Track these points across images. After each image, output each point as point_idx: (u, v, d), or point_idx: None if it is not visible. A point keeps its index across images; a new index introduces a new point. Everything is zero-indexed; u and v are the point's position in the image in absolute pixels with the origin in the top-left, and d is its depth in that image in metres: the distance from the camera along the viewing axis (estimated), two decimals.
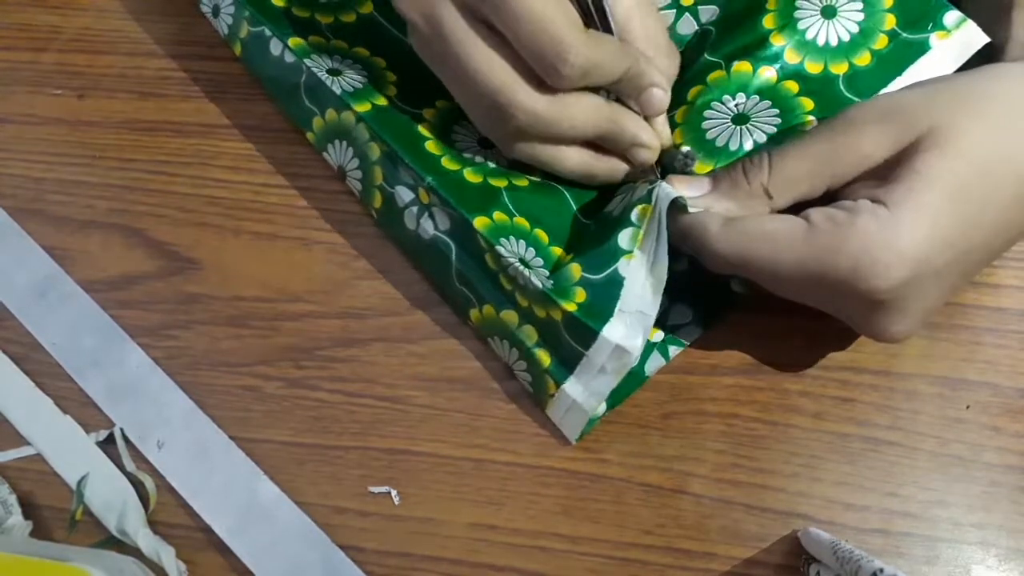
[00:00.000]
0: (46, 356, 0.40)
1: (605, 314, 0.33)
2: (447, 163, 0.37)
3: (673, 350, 0.37)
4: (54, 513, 0.37)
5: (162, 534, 0.36)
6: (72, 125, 0.44)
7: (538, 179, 0.37)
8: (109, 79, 0.45)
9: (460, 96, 0.34)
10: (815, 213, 0.31)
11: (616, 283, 0.33)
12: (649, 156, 0.35)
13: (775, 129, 0.35)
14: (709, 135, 0.36)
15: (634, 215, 0.33)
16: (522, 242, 0.35)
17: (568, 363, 0.34)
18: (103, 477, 0.37)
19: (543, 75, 0.32)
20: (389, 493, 0.37)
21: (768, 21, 0.37)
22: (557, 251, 0.36)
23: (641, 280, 0.33)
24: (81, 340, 0.40)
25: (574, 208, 0.37)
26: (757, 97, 0.36)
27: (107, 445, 0.38)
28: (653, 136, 0.35)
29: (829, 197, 0.32)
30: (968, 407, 0.36)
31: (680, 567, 0.35)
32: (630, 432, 0.37)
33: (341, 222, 0.41)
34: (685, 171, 0.35)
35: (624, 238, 0.33)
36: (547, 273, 0.35)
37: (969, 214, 0.30)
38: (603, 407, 0.36)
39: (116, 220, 0.42)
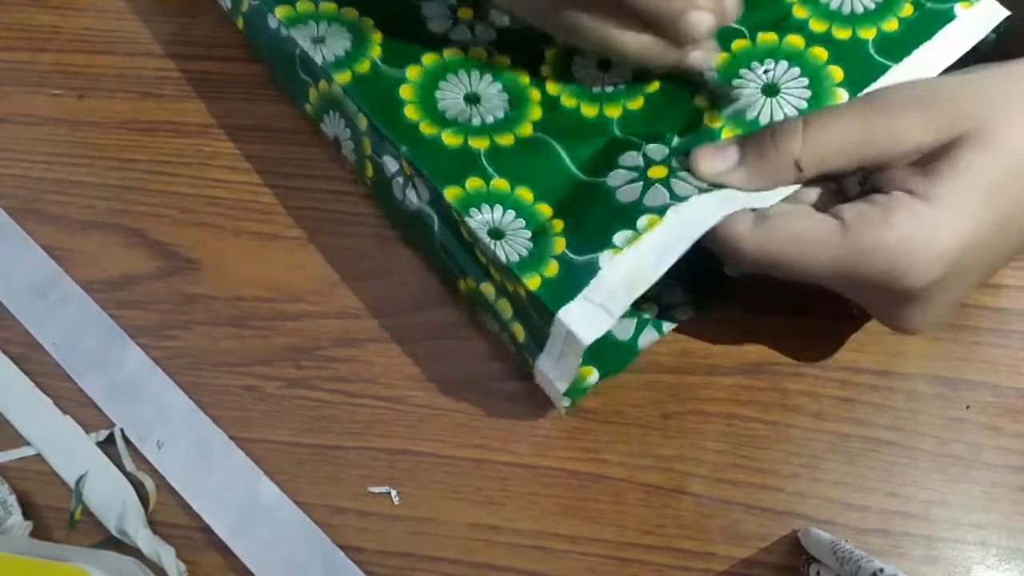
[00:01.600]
0: (46, 356, 0.40)
1: (567, 295, 0.32)
2: (425, 128, 0.36)
3: (667, 326, 0.37)
4: (54, 513, 0.37)
5: (162, 534, 0.36)
6: (72, 125, 0.44)
7: (528, 136, 0.36)
8: (108, 79, 0.45)
9: None
10: (847, 211, 0.30)
11: (591, 270, 0.32)
12: (707, 21, 0.32)
13: (806, 104, 0.35)
14: (740, 104, 0.35)
15: (640, 223, 0.32)
16: (499, 207, 0.34)
17: (538, 339, 0.34)
18: (103, 477, 0.37)
19: None
20: (389, 493, 0.37)
21: None
22: (544, 209, 0.34)
23: (617, 278, 0.32)
24: (81, 340, 0.40)
25: (569, 163, 0.36)
26: (786, 63, 0.36)
27: (107, 445, 0.38)
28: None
29: (860, 177, 0.32)
30: (968, 407, 0.36)
31: (680, 567, 0.35)
32: (630, 432, 0.37)
33: (341, 222, 0.41)
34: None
35: (620, 237, 0.32)
36: (529, 235, 0.34)
37: (1005, 213, 0.30)
38: (595, 376, 0.35)
39: (116, 220, 0.42)
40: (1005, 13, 0.36)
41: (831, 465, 0.36)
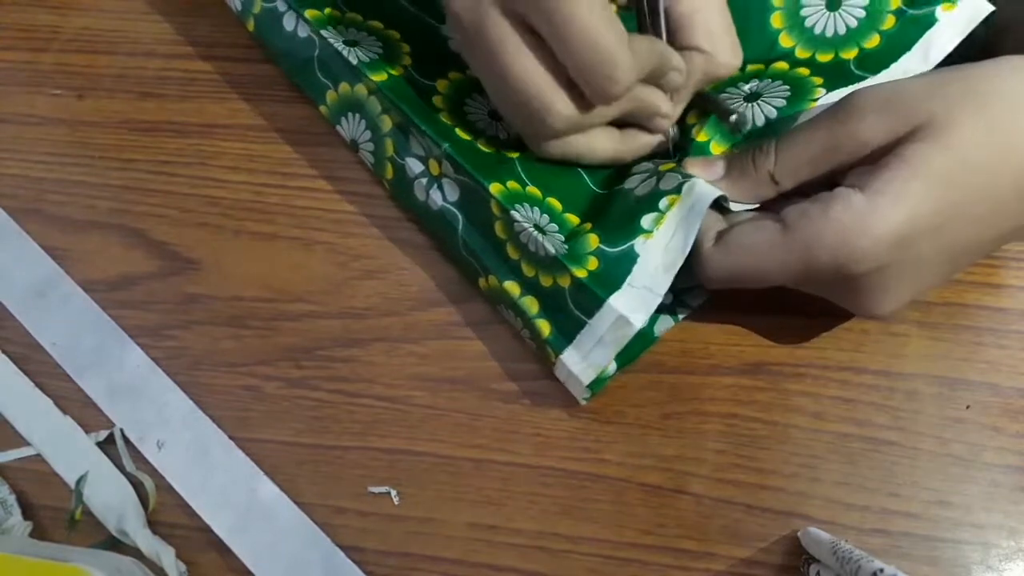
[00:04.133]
0: (46, 356, 0.40)
1: (614, 284, 0.33)
2: (460, 133, 0.38)
3: (681, 313, 0.37)
4: (54, 513, 0.37)
5: (162, 534, 0.36)
6: (72, 125, 0.44)
7: None
8: (108, 79, 0.45)
9: (494, 95, 0.35)
10: (790, 212, 0.32)
11: (630, 258, 0.34)
12: (667, 124, 0.37)
13: (784, 102, 0.36)
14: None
15: (662, 203, 0.34)
16: (536, 209, 0.36)
17: (568, 333, 0.35)
18: (103, 477, 0.37)
19: (589, 93, 0.32)
20: (389, 493, 0.37)
21: (776, 20, 0.38)
22: (572, 218, 0.36)
23: (655, 260, 0.33)
24: (81, 340, 0.40)
25: (587, 180, 0.38)
26: (770, 80, 0.37)
27: (107, 445, 0.38)
28: (671, 106, 0.36)
29: (832, 180, 0.33)
30: (968, 407, 0.36)
31: (680, 567, 0.35)
32: (630, 432, 0.37)
33: (341, 222, 0.41)
34: (737, 131, 0.36)
35: (647, 220, 0.34)
36: (562, 238, 0.35)
37: (959, 204, 0.30)
38: (613, 366, 0.36)
39: (116, 220, 0.42)
40: (989, 8, 0.36)
41: (831, 465, 0.36)
